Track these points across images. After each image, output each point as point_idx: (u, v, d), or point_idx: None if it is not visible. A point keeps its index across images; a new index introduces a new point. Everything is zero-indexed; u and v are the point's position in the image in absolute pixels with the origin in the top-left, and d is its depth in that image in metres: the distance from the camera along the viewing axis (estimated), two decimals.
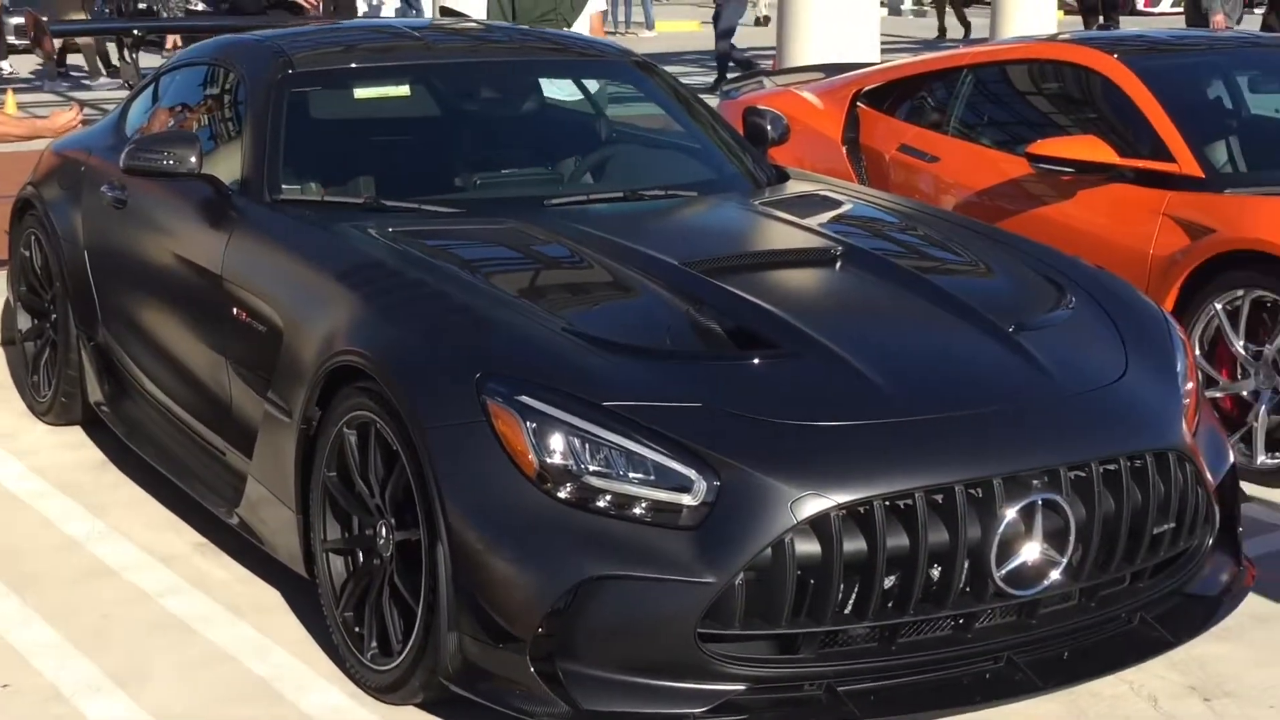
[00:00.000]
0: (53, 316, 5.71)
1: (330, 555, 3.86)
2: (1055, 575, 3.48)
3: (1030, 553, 3.44)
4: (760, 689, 3.34)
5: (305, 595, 4.06)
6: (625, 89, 5.68)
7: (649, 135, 5.60)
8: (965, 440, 3.49)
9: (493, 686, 3.38)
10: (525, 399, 3.42)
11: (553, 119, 5.59)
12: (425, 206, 4.59)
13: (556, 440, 3.37)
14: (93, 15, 16.82)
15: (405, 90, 5.20)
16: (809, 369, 3.63)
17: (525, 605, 3.32)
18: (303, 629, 4.08)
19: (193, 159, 4.61)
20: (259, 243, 4.48)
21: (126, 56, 7.70)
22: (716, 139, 5.40)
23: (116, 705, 3.73)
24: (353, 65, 5.19)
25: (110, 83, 15.99)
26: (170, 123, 5.43)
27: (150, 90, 5.79)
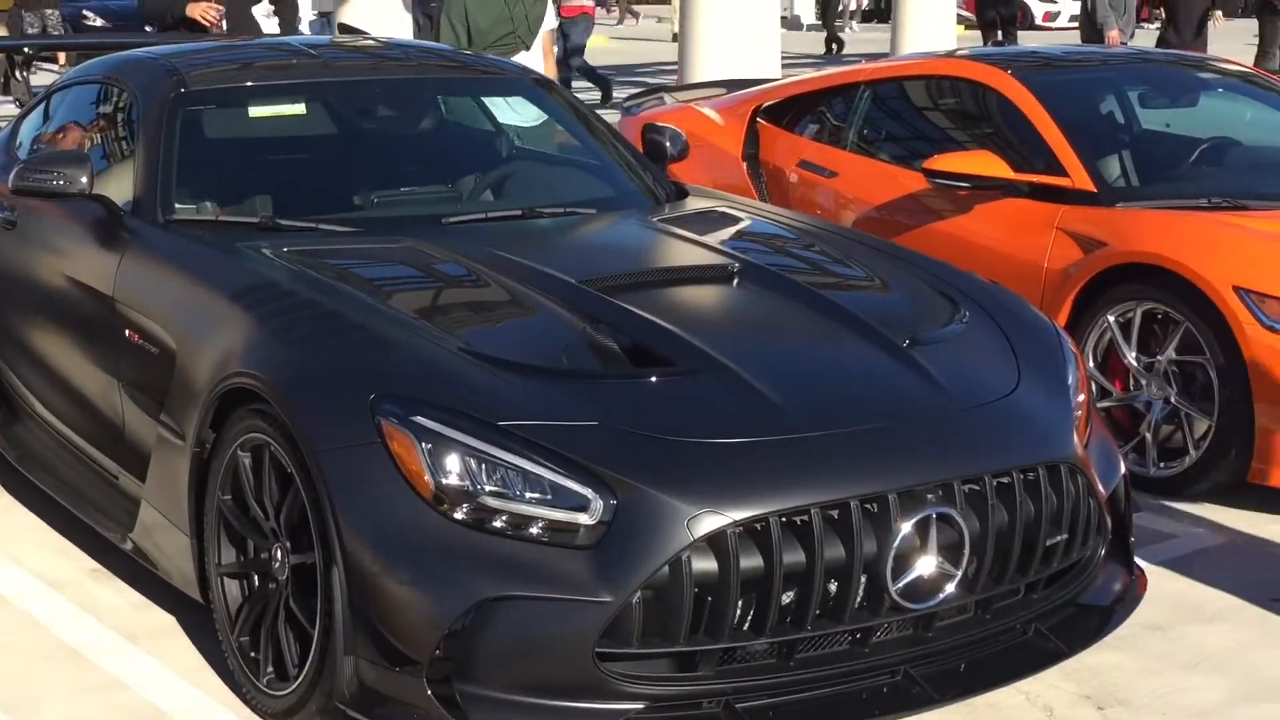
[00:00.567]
0: None
1: (225, 579, 3.81)
2: (950, 588, 3.51)
3: (925, 566, 3.47)
4: (659, 707, 3.33)
5: (200, 621, 4.01)
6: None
7: (548, 153, 5.59)
8: (860, 456, 3.51)
9: (389, 710, 3.35)
10: (420, 419, 3.40)
11: (452, 137, 5.58)
12: (321, 226, 4.56)
13: (452, 461, 3.36)
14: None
15: (301, 108, 5.16)
16: (706, 386, 3.64)
17: (422, 627, 3.29)
18: (198, 655, 4.03)
19: (83, 179, 4.55)
20: (151, 264, 4.43)
21: (17, 75, 7.57)
22: (616, 156, 5.41)
23: None
24: (248, 83, 5.15)
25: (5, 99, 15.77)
26: (62, 141, 5.35)
27: (42, 109, 5.71)
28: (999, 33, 17.35)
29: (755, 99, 7.38)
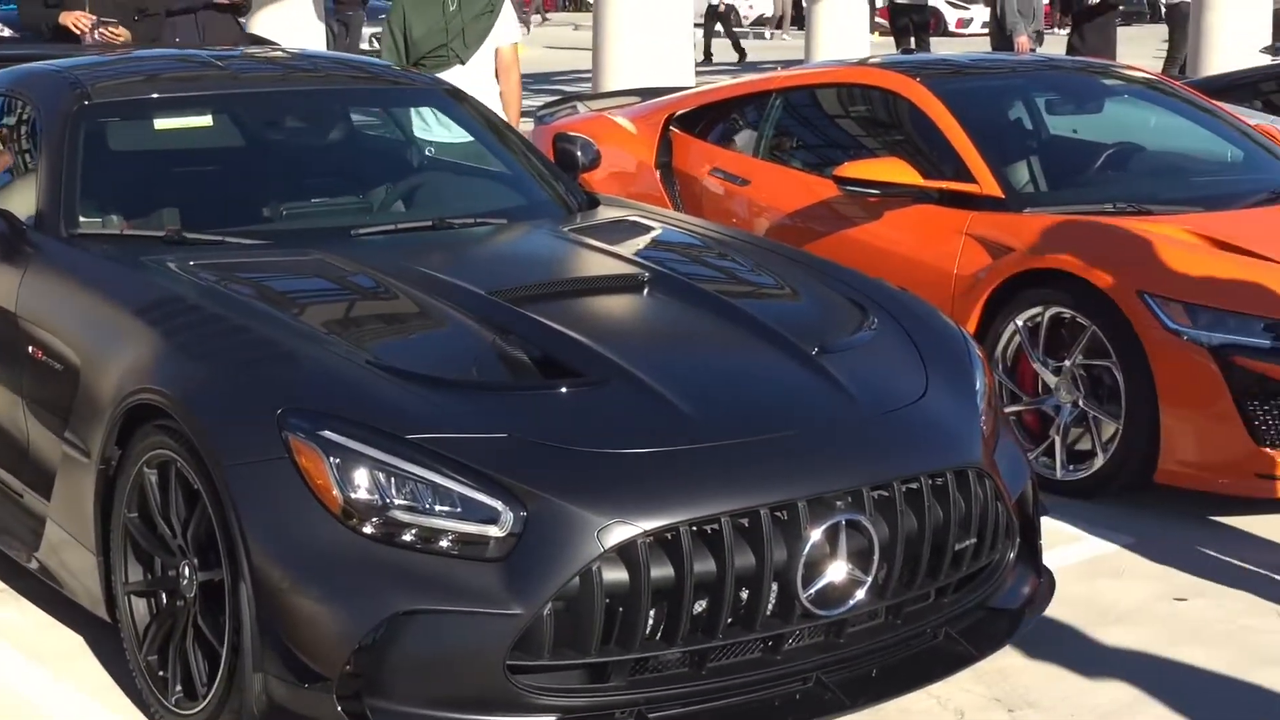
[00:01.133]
0: None
1: (132, 598, 3.77)
2: (861, 594, 3.53)
3: (836, 573, 3.49)
4: (571, 719, 3.33)
5: (108, 640, 3.96)
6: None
7: (460, 163, 5.58)
8: (770, 464, 3.53)
9: None
10: (328, 434, 3.38)
11: (362, 147, 5.55)
12: (229, 239, 4.52)
13: (361, 475, 3.34)
14: None
15: (208, 120, 5.11)
16: (615, 397, 3.64)
17: (331, 643, 3.27)
18: (106, 675, 3.98)
19: None
20: (55, 278, 4.37)
21: None
22: (527, 166, 5.40)
23: None
24: (154, 95, 5.09)
25: None
26: None
27: None
28: (912, 39, 17.50)
29: (668, 107, 7.40)
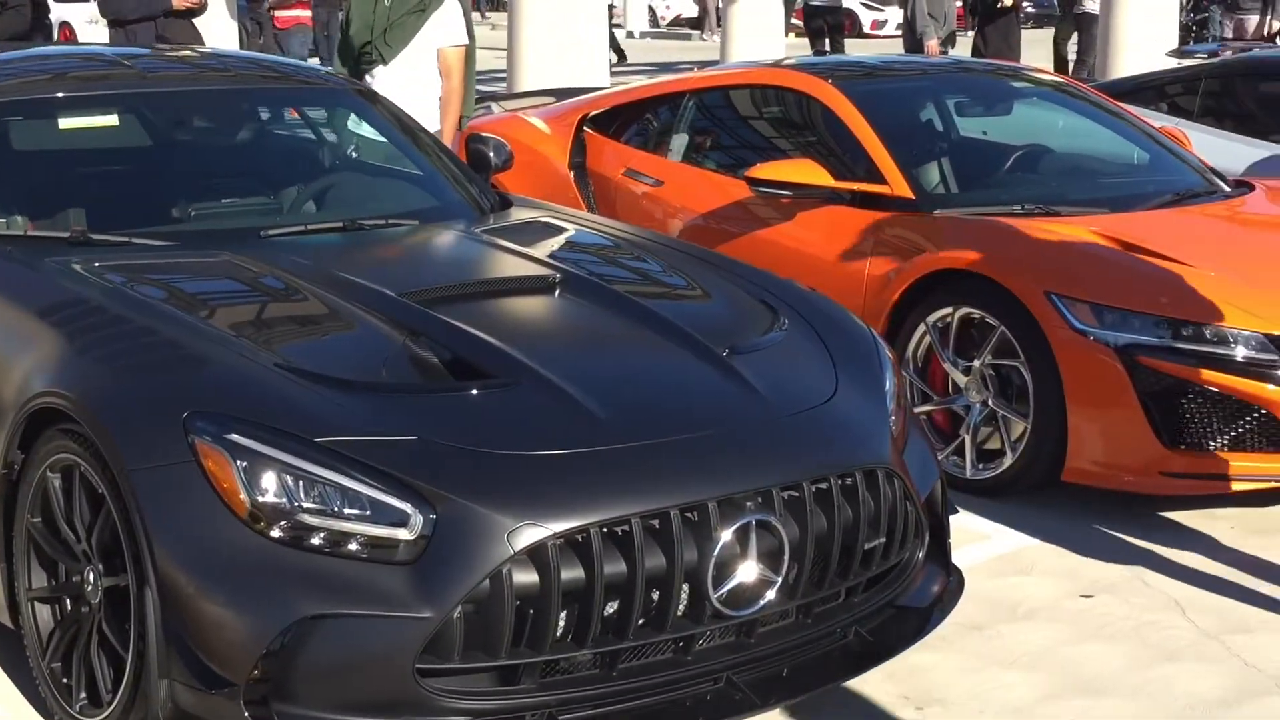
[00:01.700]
0: None
1: (36, 604, 3.71)
2: (771, 594, 3.54)
3: (746, 573, 3.50)
4: None
5: (11, 647, 3.90)
6: None
7: (371, 164, 5.55)
8: (680, 465, 3.53)
9: None
10: (234, 437, 3.35)
11: (273, 148, 5.51)
12: (136, 240, 4.46)
13: (268, 479, 3.31)
14: None
15: (114, 120, 5.04)
16: (526, 399, 3.64)
17: (238, 648, 3.24)
18: (9, 682, 3.92)
19: None
20: None
21: None
22: (439, 167, 5.38)
23: None
24: (59, 94, 5.02)
25: None
26: None
27: None
28: (826, 41, 17.61)
29: (582, 108, 7.40)
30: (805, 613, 3.70)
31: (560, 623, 3.34)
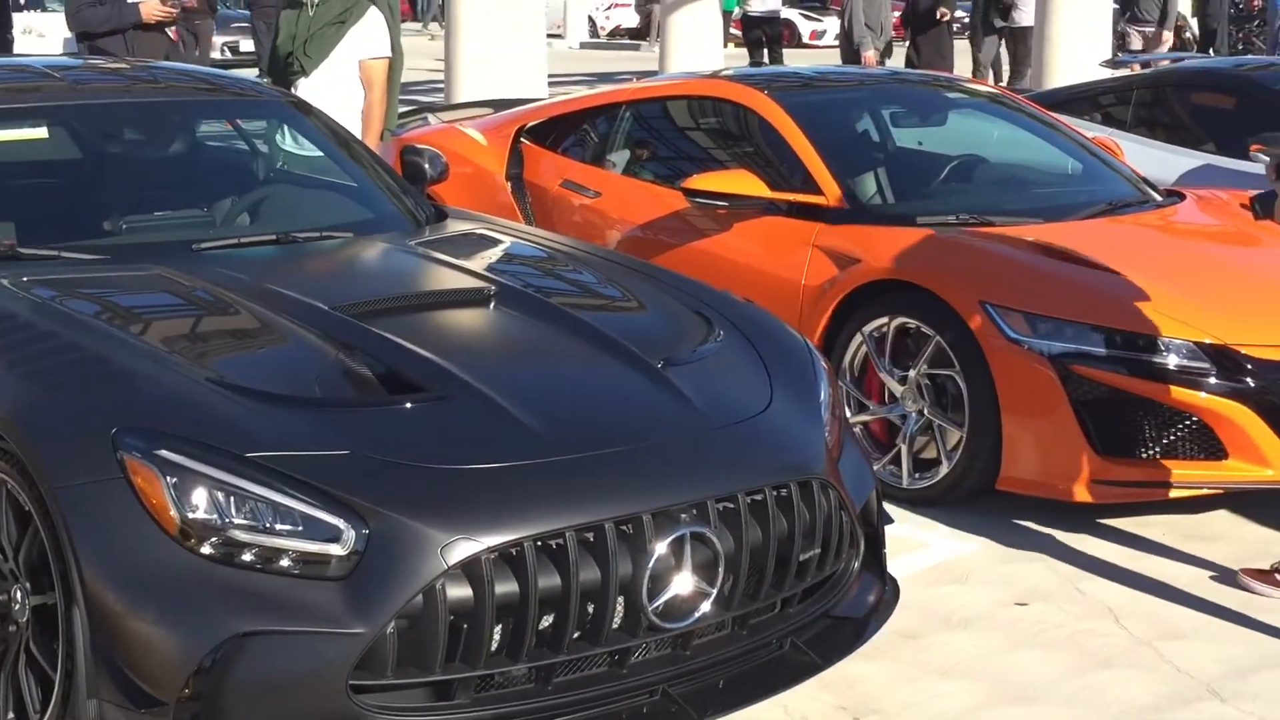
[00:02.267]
0: None
1: None
2: (706, 606, 3.54)
3: (681, 585, 3.49)
4: None
5: None
6: None
7: (305, 176, 5.51)
8: (614, 477, 3.53)
9: None
10: (164, 453, 3.31)
11: (206, 160, 5.47)
12: (66, 254, 4.41)
13: (199, 495, 3.28)
14: None
15: (43, 132, 4.99)
16: (459, 412, 3.62)
17: (169, 666, 3.21)
18: None
19: None
20: None
21: None
22: (374, 179, 5.36)
23: None
24: None
25: None
26: None
27: None
28: (765, 51, 17.66)
29: (519, 119, 7.39)
30: (741, 624, 3.69)
31: (495, 637, 3.32)
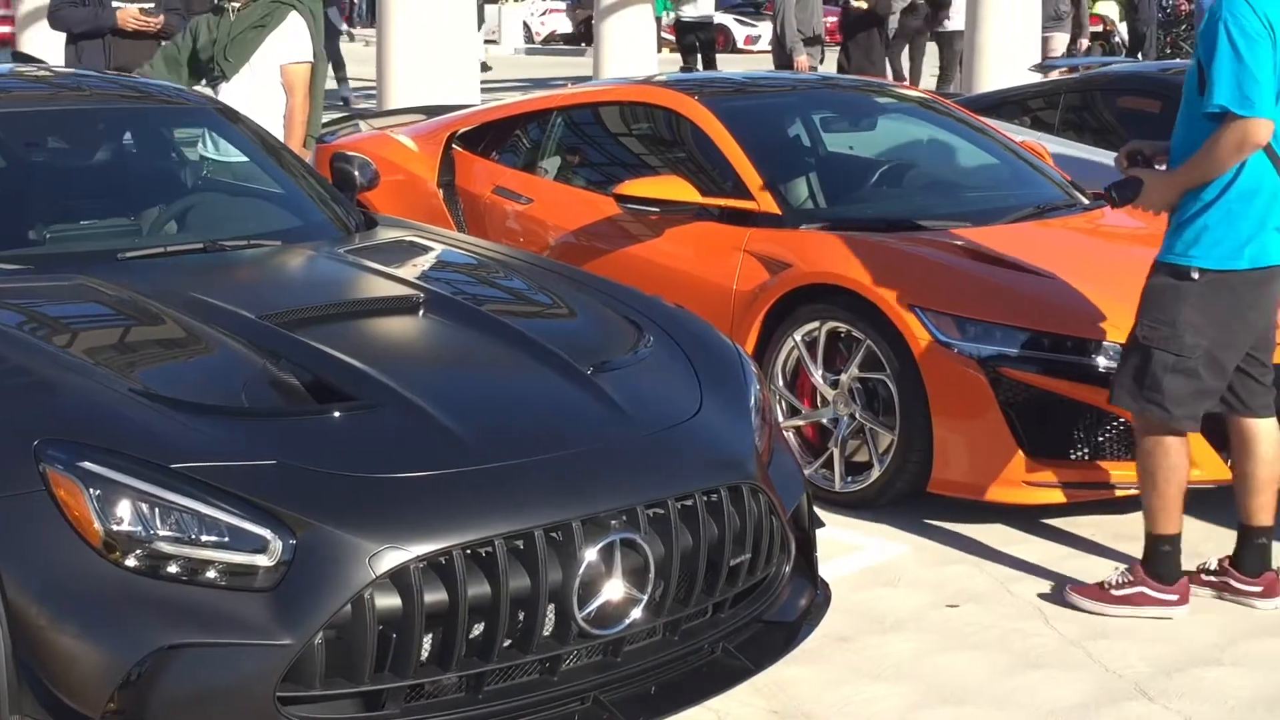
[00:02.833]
0: None
1: None
2: (637, 613, 3.53)
3: (612, 592, 3.49)
4: None
5: None
6: None
7: (233, 184, 5.48)
8: (544, 485, 3.52)
9: None
10: (87, 465, 3.28)
11: (132, 168, 5.42)
12: None
13: (123, 507, 3.25)
14: None
15: None
16: (388, 421, 3.60)
17: (93, 680, 3.17)
18: None
19: None
20: None
21: None
22: (304, 186, 5.33)
23: None
24: None
25: None
26: None
27: None
28: (699, 56, 17.71)
29: (451, 125, 7.37)
30: (672, 630, 3.70)
31: (424, 646, 3.31)
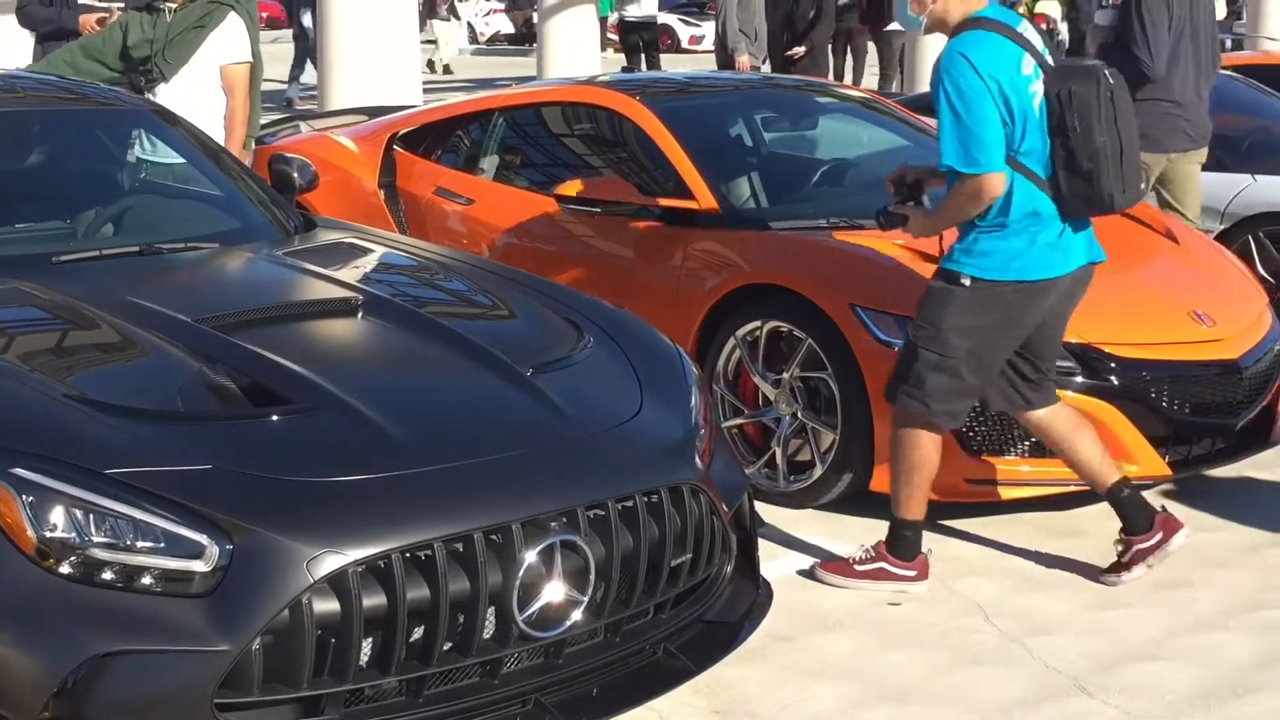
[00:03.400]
0: None
1: None
2: (578, 614, 3.53)
3: (552, 594, 3.48)
4: None
5: None
6: None
7: (170, 186, 5.44)
8: (483, 487, 3.51)
9: None
10: (19, 471, 3.24)
11: (68, 171, 5.36)
12: None
13: (56, 514, 3.21)
14: None
15: None
16: (325, 424, 3.58)
17: (27, 689, 3.13)
18: None
19: None
20: None
21: None
22: (242, 188, 5.29)
23: None
24: None
25: None
26: None
27: None
28: (642, 56, 17.70)
29: (392, 126, 7.34)
30: (613, 631, 3.69)
31: (364, 651, 3.29)
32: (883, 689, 4.13)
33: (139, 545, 3.22)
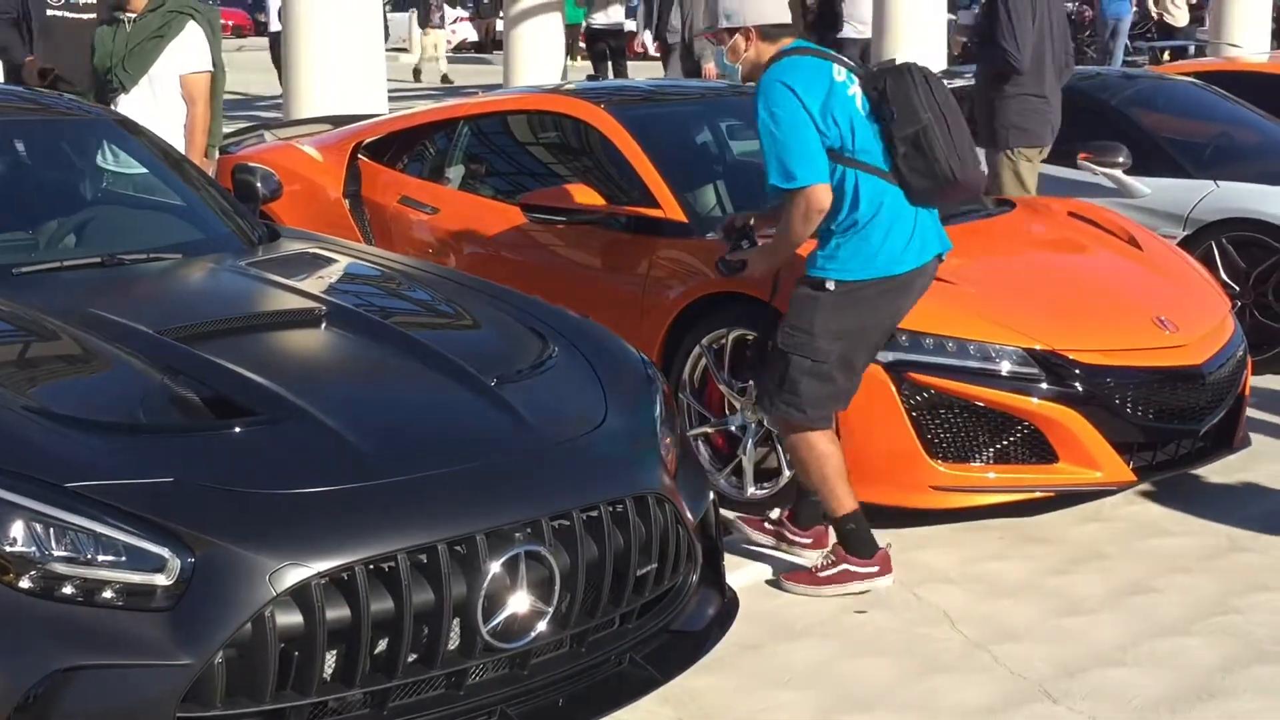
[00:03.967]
0: None
1: None
2: (543, 625, 3.52)
3: (517, 605, 3.47)
4: None
5: None
6: None
7: (133, 196, 5.41)
8: (447, 498, 3.50)
9: None
10: None
11: (29, 181, 5.33)
12: None
13: (16, 528, 3.19)
14: None
15: None
16: (288, 436, 3.57)
17: None
18: None
19: None
20: None
21: None
22: (204, 198, 5.27)
23: None
24: None
25: None
26: None
27: None
28: (609, 64, 17.69)
29: (356, 135, 7.31)
30: (579, 642, 3.68)
31: (327, 663, 3.28)
32: (849, 697, 4.13)
33: (100, 559, 3.20)
